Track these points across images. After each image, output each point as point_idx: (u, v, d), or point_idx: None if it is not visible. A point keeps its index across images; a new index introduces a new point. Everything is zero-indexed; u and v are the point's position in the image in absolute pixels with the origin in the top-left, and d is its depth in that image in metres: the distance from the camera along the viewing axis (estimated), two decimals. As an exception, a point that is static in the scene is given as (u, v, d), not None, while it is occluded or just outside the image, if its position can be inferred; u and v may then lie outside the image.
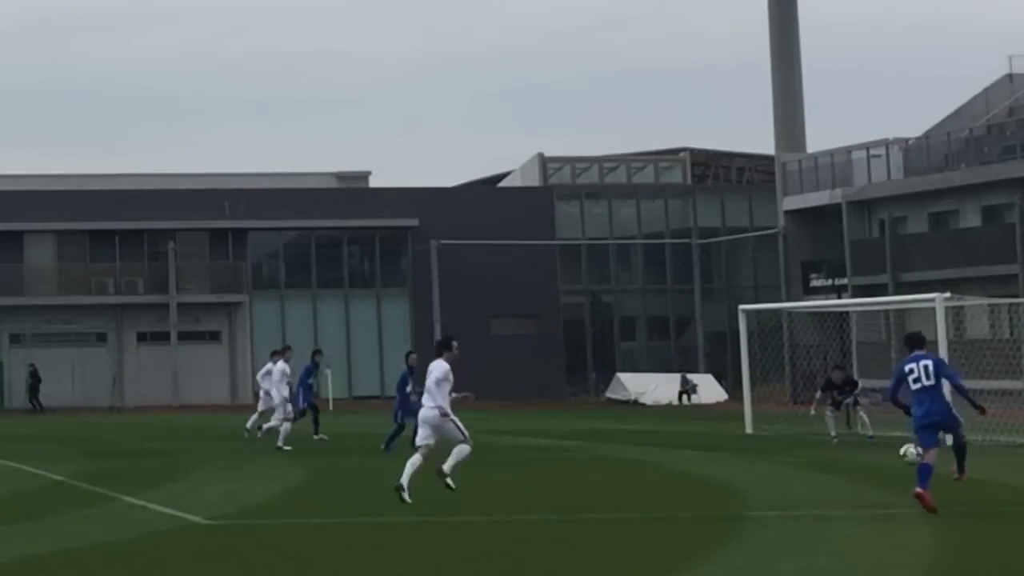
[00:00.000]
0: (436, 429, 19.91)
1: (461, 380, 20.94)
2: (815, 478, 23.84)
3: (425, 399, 20.10)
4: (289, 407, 32.89)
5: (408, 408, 29.62)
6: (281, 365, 33.85)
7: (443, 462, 19.69)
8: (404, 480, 19.40)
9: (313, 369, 34.83)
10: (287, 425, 32.42)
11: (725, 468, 25.60)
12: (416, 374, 29.69)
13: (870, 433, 33.27)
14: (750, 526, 17.28)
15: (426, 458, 19.73)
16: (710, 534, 16.35)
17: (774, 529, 16.98)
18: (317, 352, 36.57)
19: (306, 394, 34.23)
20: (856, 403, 35.09)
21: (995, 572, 14.00)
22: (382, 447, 30.17)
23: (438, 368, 20.07)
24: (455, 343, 20.62)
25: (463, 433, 19.98)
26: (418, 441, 20.10)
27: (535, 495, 21.26)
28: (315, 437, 34.08)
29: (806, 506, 19.32)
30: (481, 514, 18.79)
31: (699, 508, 19.29)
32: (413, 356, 31.57)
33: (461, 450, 19.98)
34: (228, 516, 18.62)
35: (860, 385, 34.97)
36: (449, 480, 19.65)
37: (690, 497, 20.89)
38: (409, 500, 19.14)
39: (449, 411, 20.00)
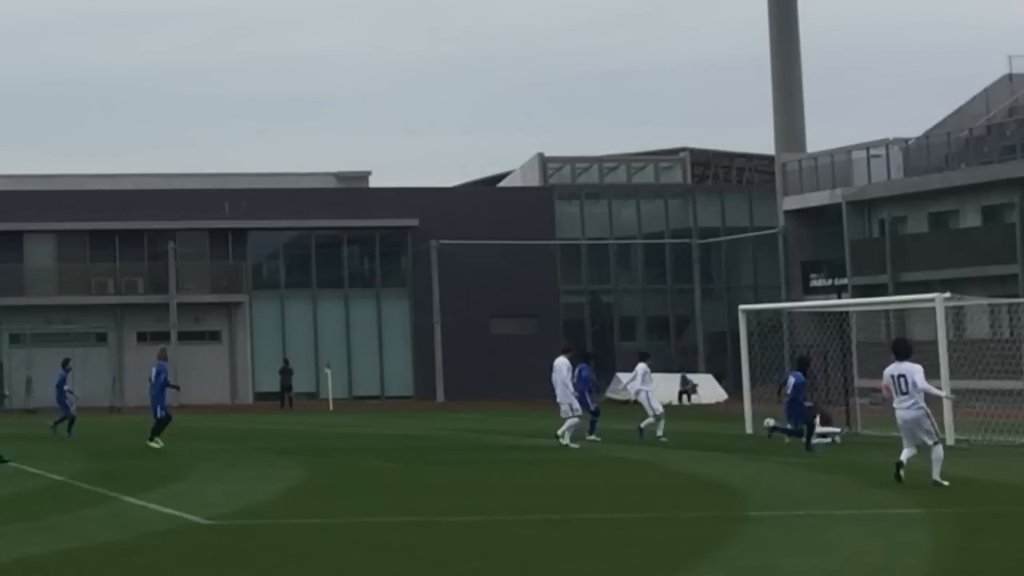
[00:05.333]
0: (911, 428, 21.42)
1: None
2: (815, 478, 23.83)
3: (906, 400, 21.44)
4: (575, 403, 32.42)
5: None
6: (645, 368, 35.26)
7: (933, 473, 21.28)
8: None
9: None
10: (573, 420, 32.15)
11: (725, 468, 25.59)
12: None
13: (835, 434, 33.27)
14: (750, 526, 17.27)
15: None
16: (710, 534, 16.34)
17: (774, 529, 16.97)
18: (589, 357, 36.78)
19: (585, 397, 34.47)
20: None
21: (995, 572, 14.00)
22: (810, 450, 30.17)
23: (919, 370, 21.61)
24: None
25: (935, 434, 21.48)
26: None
27: (535, 495, 21.25)
28: (588, 437, 33.84)
29: (806, 506, 19.31)
30: (481, 514, 18.79)
31: (699, 508, 19.28)
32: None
33: (935, 454, 21.39)
34: (228, 516, 18.62)
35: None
36: (944, 481, 21.18)
37: (690, 497, 20.88)
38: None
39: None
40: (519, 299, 69.82)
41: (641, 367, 36.09)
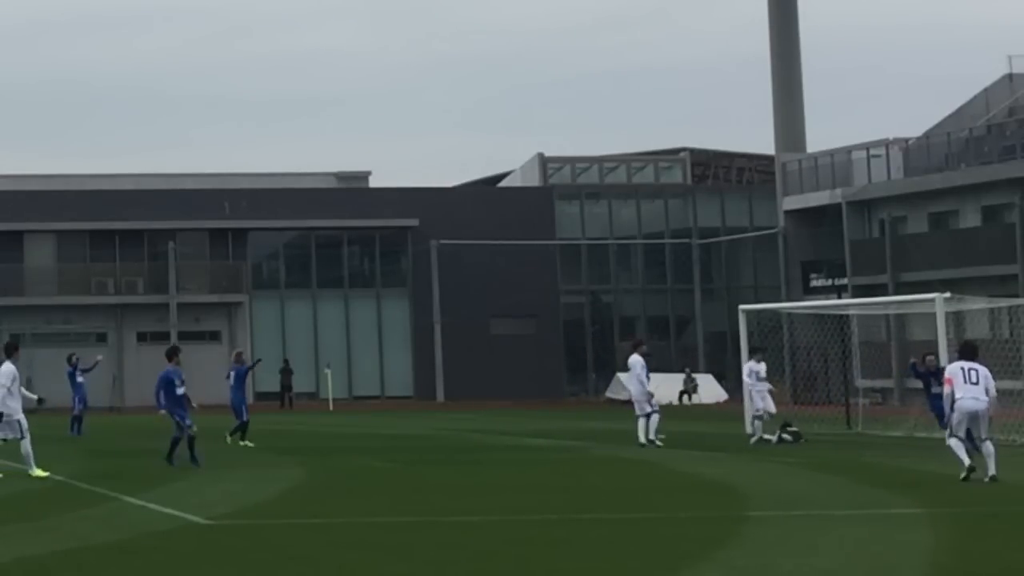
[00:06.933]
0: (973, 418, 21.82)
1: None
2: (815, 478, 23.84)
3: (974, 390, 21.79)
4: (651, 401, 31.90)
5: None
6: (751, 364, 34.56)
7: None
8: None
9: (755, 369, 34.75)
10: (645, 420, 31.73)
11: (725, 468, 25.60)
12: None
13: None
14: (750, 526, 17.27)
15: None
16: (710, 534, 16.34)
17: (774, 529, 16.97)
18: (757, 350, 36.39)
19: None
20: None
21: (995, 572, 14.00)
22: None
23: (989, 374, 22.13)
24: None
25: (988, 431, 21.89)
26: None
27: (535, 495, 21.25)
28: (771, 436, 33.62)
29: (806, 506, 19.31)
30: (481, 514, 18.79)
31: (699, 508, 19.28)
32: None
33: (987, 449, 21.80)
34: (228, 516, 18.62)
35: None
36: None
37: (690, 497, 20.88)
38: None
39: None
40: (519, 299, 69.83)
41: (751, 364, 35.00)
